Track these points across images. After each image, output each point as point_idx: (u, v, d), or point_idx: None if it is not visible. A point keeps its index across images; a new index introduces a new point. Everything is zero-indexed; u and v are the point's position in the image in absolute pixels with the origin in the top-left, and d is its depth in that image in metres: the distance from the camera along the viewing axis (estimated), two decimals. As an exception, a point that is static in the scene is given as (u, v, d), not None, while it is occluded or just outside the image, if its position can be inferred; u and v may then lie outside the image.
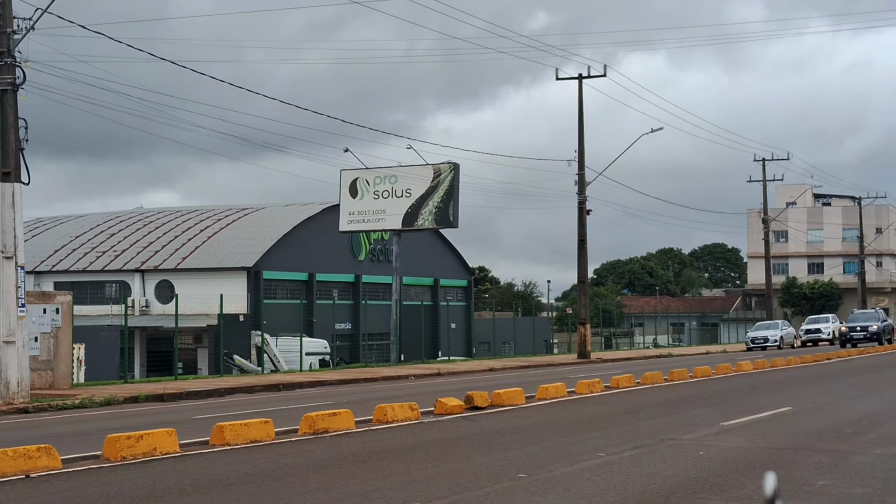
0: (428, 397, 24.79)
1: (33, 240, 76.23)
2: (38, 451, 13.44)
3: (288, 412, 22.33)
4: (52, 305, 30.91)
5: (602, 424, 18.92)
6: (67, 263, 73.41)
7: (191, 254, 70.02)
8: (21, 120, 26.13)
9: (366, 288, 76.60)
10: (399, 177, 55.73)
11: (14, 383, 25.78)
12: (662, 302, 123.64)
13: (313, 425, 17.50)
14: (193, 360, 65.39)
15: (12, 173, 26.10)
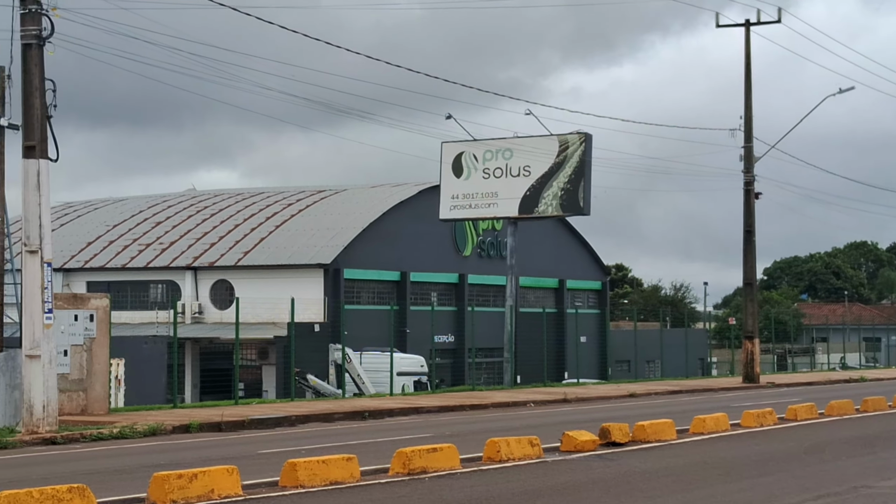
0: (552, 430, 24.78)
1: (62, 230, 77.91)
2: (69, 493, 13.74)
3: (376, 446, 22.51)
4: (85, 311, 31.58)
5: (776, 467, 18.72)
6: (103, 259, 74.92)
7: (254, 247, 70.93)
8: (48, 81, 26.72)
9: (472, 291, 76.79)
10: (515, 150, 55.72)
11: (39, 407, 26.40)
12: (852, 311, 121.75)
13: (408, 464, 17.61)
14: (258, 379, 66.23)
15: (37, 147, 26.67)
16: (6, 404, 28.56)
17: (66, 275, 73.25)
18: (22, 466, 20.71)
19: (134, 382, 42.99)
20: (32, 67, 26.57)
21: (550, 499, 15.22)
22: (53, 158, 26.99)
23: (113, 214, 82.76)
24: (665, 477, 17.54)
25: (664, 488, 16.34)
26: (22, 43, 26.54)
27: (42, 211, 26.74)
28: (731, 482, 16.96)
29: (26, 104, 26.73)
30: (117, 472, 19.23)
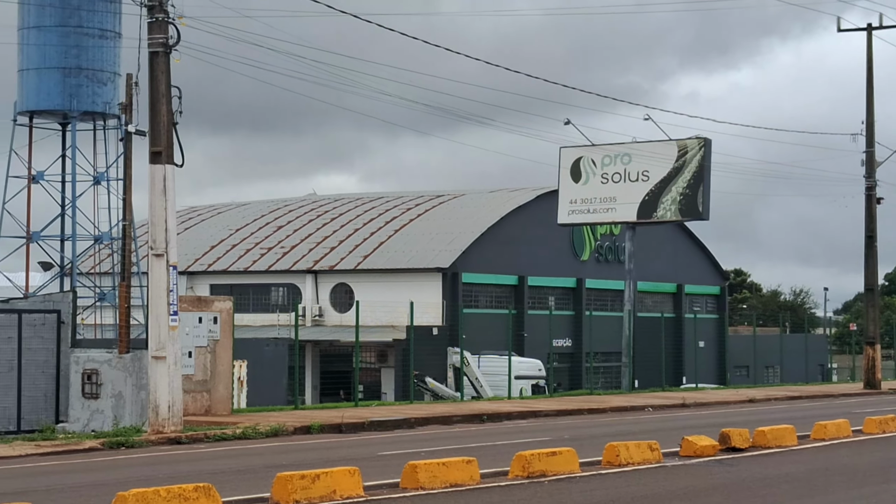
0: (671, 434, 24.60)
1: (186, 233, 78.93)
2: (195, 492, 13.93)
3: (494, 449, 22.51)
4: (209, 313, 31.99)
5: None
6: (226, 262, 75.81)
7: (373, 251, 71.33)
8: (174, 88, 27.13)
9: (590, 295, 76.45)
10: (633, 155, 55.44)
11: (164, 408, 26.79)
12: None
13: (527, 467, 17.58)
14: (376, 382, 66.58)
15: (163, 153, 27.09)
16: (133, 404, 29.08)
17: (190, 278, 74.26)
18: (148, 465, 21.04)
19: (256, 384, 43.44)
20: (159, 75, 26.99)
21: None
22: (179, 164, 27.40)
23: (236, 219, 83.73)
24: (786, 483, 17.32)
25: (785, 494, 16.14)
26: (149, 51, 26.98)
27: (168, 215, 27.14)
28: (853, 489, 16.70)
29: (153, 111, 27.16)
30: (241, 471, 19.44)
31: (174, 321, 27.02)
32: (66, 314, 30.70)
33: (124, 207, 32.11)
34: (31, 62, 54.07)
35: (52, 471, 20.58)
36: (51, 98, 53.97)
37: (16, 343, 29.58)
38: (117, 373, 29.31)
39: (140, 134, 29.52)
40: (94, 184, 56.20)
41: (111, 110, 53.77)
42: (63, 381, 30.13)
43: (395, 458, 21.00)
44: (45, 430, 28.15)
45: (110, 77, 54.18)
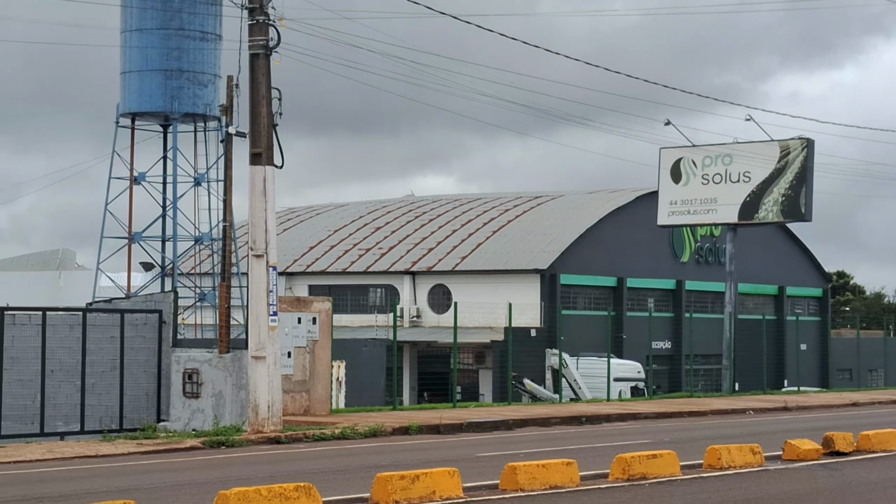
0: (772, 438, 24.36)
1: (284, 234, 79.57)
2: (296, 491, 14.02)
3: (594, 452, 22.43)
4: (308, 314, 32.20)
5: None
6: (324, 263, 76.28)
7: (471, 252, 71.38)
8: (274, 90, 27.34)
9: (689, 297, 75.91)
10: (735, 156, 54.96)
11: (264, 407, 27.00)
12: None
13: (627, 470, 17.49)
14: (474, 383, 66.62)
15: (263, 154, 27.30)
16: (233, 403, 29.34)
17: (289, 278, 74.85)
18: (248, 464, 21.23)
19: (354, 384, 43.70)
20: (259, 77, 27.21)
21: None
22: (279, 165, 27.59)
23: (334, 220, 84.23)
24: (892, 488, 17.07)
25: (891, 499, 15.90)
26: (250, 53, 27.21)
27: (268, 216, 27.35)
28: (962, 495, 16.41)
29: (253, 112, 27.38)
30: (340, 471, 19.55)
31: (274, 321, 27.23)
32: (168, 314, 31.04)
33: (225, 208, 32.33)
34: (133, 65, 54.74)
35: (154, 469, 20.84)
36: (152, 100, 54.60)
37: (118, 343, 29.95)
38: (217, 372, 29.60)
39: (240, 135, 29.73)
40: (195, 185, 56.78)
41: (211, 112, 54.28)
42: (164, 381, 30.48)
43: (493, 459, 20.99)
44: (147, 429, 28.51)
45: (210, 79, 54.70)
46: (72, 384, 29.36)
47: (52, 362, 29.05)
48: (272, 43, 27.08)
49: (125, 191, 56.80)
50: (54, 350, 29.10)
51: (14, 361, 28.52)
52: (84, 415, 29.22)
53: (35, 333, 28.87)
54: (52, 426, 28.70)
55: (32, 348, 28.78)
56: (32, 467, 21.53)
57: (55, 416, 28.94)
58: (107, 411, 29.70)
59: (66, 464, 22.09)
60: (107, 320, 30.27)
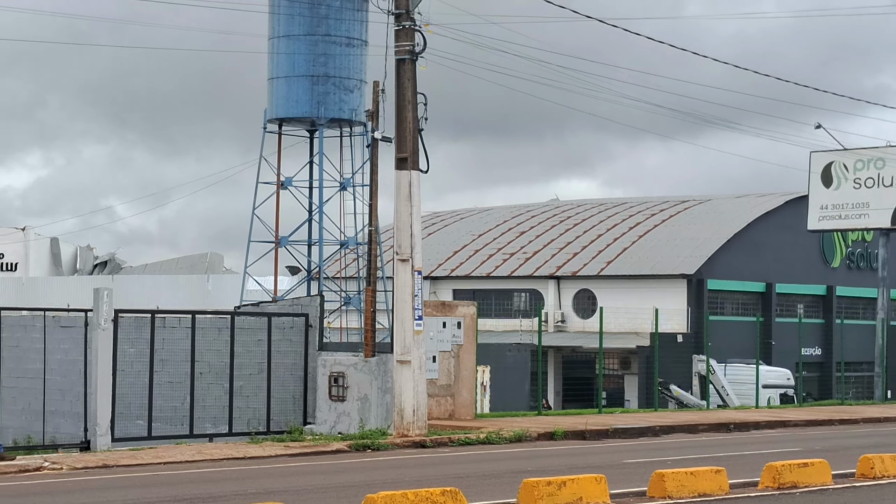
0: (928, 448, 23.80)
1: (429, 238, 79.80)
2: (442, 496, 14.08)
3: (743, 459, 22.16)
4: (452, 318, 32.31)
5: None
6: (469, 267, 76.42)
7: (616, 257, 70.96)
8: (420, 95, 27.49)
9: (840, 303, 74.56)
10: (887, 160, 53.92)
11: (409, 411, 27.16)
12: None
13: (778, 478, 17.26)
14: (619, 389, 66.22)
15: (409, 159, 27.47)
16: (378, 407, 29.57)
17: (434, 282, 75.14)
18: (394, 468, 21.37)
19: (498, 389, 43.71)
20: (405, 82, 27.38)
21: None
22: (424, 170, 27.74)
23: (478, 224, 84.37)
24: None
25: None
26: (396, 58, 27.40)
27: (413, 221, 27.51)
28: None
29: (399, 117, 27.56)
30: (485, 476, 19.58)
31: (419, 326, 27.37)
32: (314, 318, 31.38)
33: (370, 213, 32.63)
34: (281, 71, 55.41)
35: (301, 471, 21.09)
36: (299, 106, 55.17)
37: (265, 346, 30.35)
38: (363, 376, 29.85)
39: (386, 140, 29.98)
40: (340, 189, 57.29)
41: (357, 117, 54.68)
42: (310, 384, 30.82)
43: (640, 466, 20.86)
44: (294, 432, 28.86)
45: (356, 84, 55.15)
46: (220, 386, 29.85)
47: (201, 365, 29.55)
48: (418, 48, 27.23)
49: (272, 195, 57.45)
50: (203, 353, 29.60)
51: (164, 364, 29.07)
52: (232, 417, 29.67)
53: (184, 336, 29.40)
54: (201, 428, 29.19)
55: (182, 351, 29.31)
56: (182, 468, 21.95)
57: (204, 417, 29.44)
58: (254, 413, 30.13)
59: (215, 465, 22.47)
60: (254, 323, 30.72)
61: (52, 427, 27.99)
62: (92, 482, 19.75)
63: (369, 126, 34.21)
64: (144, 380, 28.31)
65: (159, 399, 28.69)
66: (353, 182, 56.83)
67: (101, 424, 26.04)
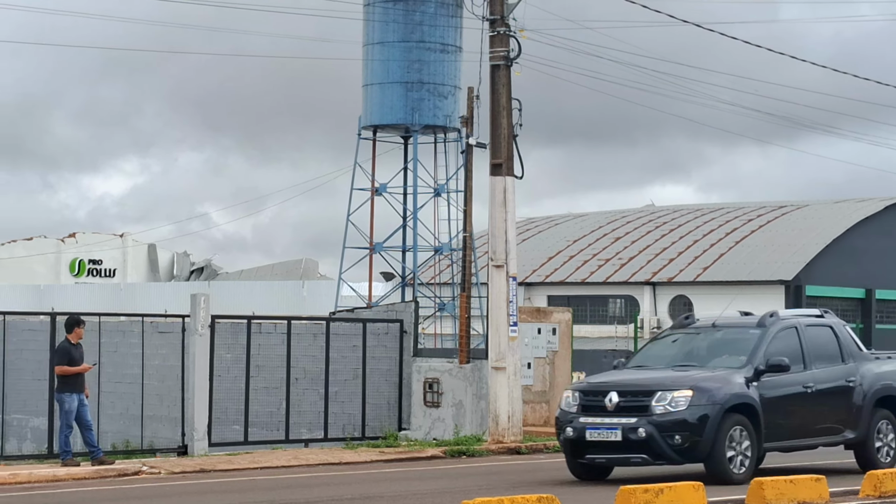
0: None
1: (523, 244, 79.71)
2: (538, 502, 14.07)
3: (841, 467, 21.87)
4: (547, 324, 32.25)
5: None
6: (563, 273, 76.22)
7: (713, 263, 70.43)
8: (514, 101, 27.50)
9: (942, 309, 73.54)
10: None
11: (504, 418, 27.17)
12: None
13: (879, 486, 17.06)
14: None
15: (503, 165, 27.48)
16: (472, 413, 29.59)
17: (528, 289, 75.08)
18: (489, 474, 21.38)
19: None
20: (500, 88, 27.40)
21: None
22: (518, 176, 27.74)
23: (573, 230, 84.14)
24: None
25: None
26: (490, 64, 27.42)
27: (508, 227, 27.54)
28: None
29: (494, 123, 27.58)
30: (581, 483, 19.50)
31: (514, 332, 27.39)
32: (409, 324, 31.48)
33: (464, 219, 32.67)
34: (375, 77, 55.59)
35: (396, 477, 21.18)
36: (394, 112, 55.30)
37: (360, 352, 30.48)
38: (458, 382, 29.87)
39: (480, 146, 30.00)
40: (434, 196, 57.36)
41: (451, 123, 54.73)
42: (405, 390, 30.92)
43: (738, 474, 20.64)
44: (388, 437, 28.98)
45: (451, 90, 55.17)
46: (315, 392, 30.02)
47: (297, 370, 29.74)
48: (513, 54, 27.24)
49: (366, 202, 57.68)
50: (298, 358, 29.79)
51: (260, 369, 29.29)
52: (327, 422, 29.82)
53: (280, 342, 29.60)
54: (297, 433, 29.38)
55: (278, 356, 29.51)
56: (279, 473, 22.14)
57: (299, 423, 29.63)
58: (349, 419, 30.28)
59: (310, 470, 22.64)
60: (349, 329, 30.88)
61: (149, 432, 28.33)
62: (190, 486, 19.99)
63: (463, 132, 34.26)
64: (241, 385, 28.55)
65: (255, 404, 28.91)
66: (448, 188, 56.92)
67: (198, 429, 26.33)
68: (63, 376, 23.43)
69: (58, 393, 23.68)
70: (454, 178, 56.21)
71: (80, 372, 23.49)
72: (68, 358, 23.46)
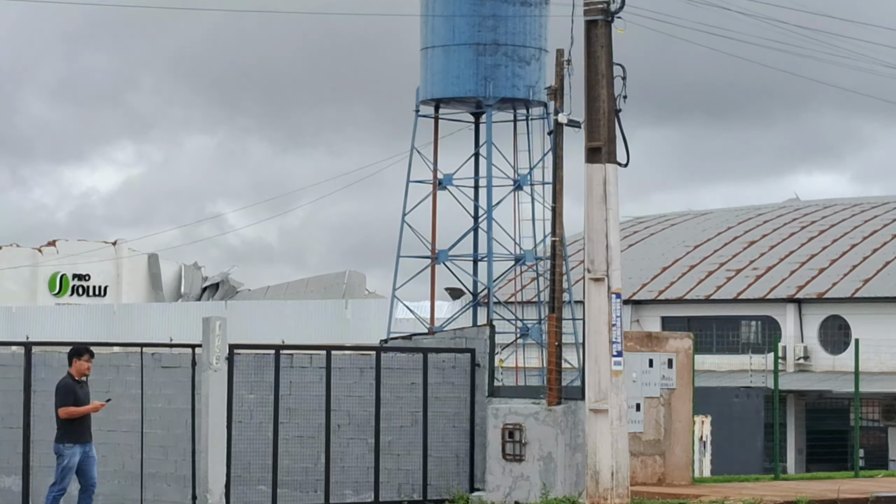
0: None
1: (629, 251, 79.38)
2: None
3: None
4: (661, 354, 32.11)
5: None
6: (681, 288, 75.90)
7: (876, 274, 69.95)
8: (616, 67, 27.42)
9: None
10: None
11: (606, 474, 27.09)
12: None
13: None
14: (882, 445, 65.29)
15: (603, 149, 27.39)
16: (565, 468, 29.56)
17: (636, 308, 74.89)
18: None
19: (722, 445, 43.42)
20: (598, 50, 27.32)
21: None
22: (623, 163, 27.68)
23: (693, 232, 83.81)
24: None
25: None
26: (585, 20, 27.36)
27: (609, 228, 27.45)
28: None
29: (590, 96, 27.50)
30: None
31: (618, 364, 27.30)
32: (482, 354, 31.47)
33: (554, 219, 32.56)
34: (437, 38, 55.22)
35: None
36: (461, 82, 55.00)
37: (420, 390, 30.49)
38: (546, 429, 29.84)
39: (573, 125, 29.90)
40: (515, 189, 57.07)
41: (535, 96, 54.46)
42: (478, 439, 30.93)
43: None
44: (458, 500, 29.05)
45: (534, 54, 54.89)
46: (363, 442, 30.10)
47: (339, 415, 29.82)
48: (614, 6, 27.19)
49: (426, 198, 57.41)
50: (341, 400, 29.87)
51: (292, 413, 29.41)
52: (378, 481, 29.90)
53: (318, 378, 29.69)
54: (340, 495, 29.48)
55: (314, 397, 29.59)
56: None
57: (343, 481, 29.72)
58: (406, 477, 30.35)
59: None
60: (406, 362, 30.94)
61: (151, 493, 28.55)
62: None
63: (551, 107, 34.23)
64: (267, 434, 28.68)
65: (286, 458, 29.04)
66: (531, 179, 56.57)
67: (213, 491, 26.51)
68: (64, 423, 23.50)
69: (56, 444, 23.76)
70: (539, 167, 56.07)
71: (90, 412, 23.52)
72: (73, 398, 23.53)
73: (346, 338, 65.95)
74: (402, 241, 58.36)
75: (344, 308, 79.78)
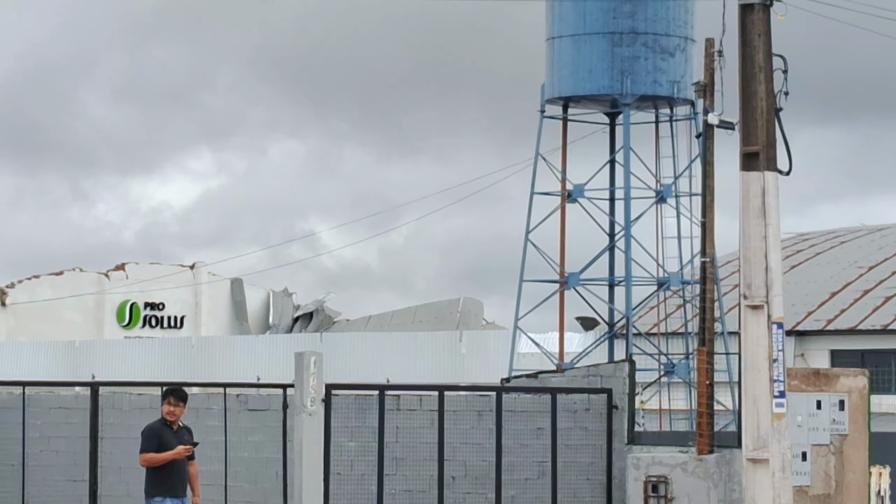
0: None
1: (791, 274, 78.91)
2: None
3: None
4: (831, 394, 31.94)
5: None
6: (853, 317, 75.37)
7: None
8: (776, 58, 27.32)
9: None
10: None
11: (768, 534, 27.03)
12: None
13: None
14: None
15: (761, 155, 27.27)
16: (720, 527, 29.54)
17: (800, 340, 74.43)
18: None
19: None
20: (754, 39, 27.24)
21: None
22: (785, 171, 27.57)
23: (868, 251, 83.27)
24: None
25: None
26: (739, 4, 27.32)
27: (769, 247, 27.34)
28: None
29: (745, 93, 27.40)
30: None
31: (780, 406, 27.19)
32: (620, 394, 31.45)
33: (703, 236, 32.51)
34: (566, 27, 55.14)
35: None
36: (594, 78, 54.86)
37: (548, 437, 30.51)
38: (695, 482, 29.82)
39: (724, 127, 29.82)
40: (657, 202, 56.81)
41: (680, 93, 54.20)
42: (616, 493, 30.93)
43: None
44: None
45: (679, 44, 54.64)
46: (482, 497, 30.21)
47: (454, 465, 29.92)
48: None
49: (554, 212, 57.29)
50: (456, 447, 29.97)
51: (399, 463, 29.56)
52: (501, 542, 29.99)
53: (429, 423, 29.80)
54: (455, 557, 29.63)
55: (425, 445, 29.71)
56: None
57: (460, 543, 29.85)
58: (534, 537, 30.43)
59: None
60: (531, 404, 30.98)
61: (238, 556, 28.79)
62: None
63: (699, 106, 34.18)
64: (370, 487, 28.85)
65: (392, 515, 29.21)
66: (676, 190, 56.30)
67: (309, 552, 26.65)
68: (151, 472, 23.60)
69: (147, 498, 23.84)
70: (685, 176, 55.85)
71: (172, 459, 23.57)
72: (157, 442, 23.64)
73: (460, 376, 66.10)
74: (525, 262, 58.29)
75: (458, 341, 79.67)
